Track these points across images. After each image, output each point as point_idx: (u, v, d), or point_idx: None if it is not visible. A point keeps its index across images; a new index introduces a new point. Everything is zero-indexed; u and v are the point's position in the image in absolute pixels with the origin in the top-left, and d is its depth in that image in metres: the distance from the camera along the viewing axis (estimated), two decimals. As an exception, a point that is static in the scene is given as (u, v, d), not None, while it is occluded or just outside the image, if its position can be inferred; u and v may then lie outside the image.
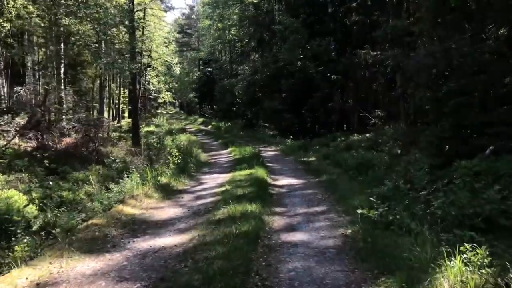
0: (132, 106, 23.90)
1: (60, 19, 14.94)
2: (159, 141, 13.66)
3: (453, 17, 12.33)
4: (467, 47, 11.71)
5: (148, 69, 34.82)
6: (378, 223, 6.67)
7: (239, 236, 6.12)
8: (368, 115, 22.88)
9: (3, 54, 20.43)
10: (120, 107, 43.34)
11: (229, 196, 9.12)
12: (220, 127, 36.55)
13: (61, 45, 18.86)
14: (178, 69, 43.09)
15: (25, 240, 5.87)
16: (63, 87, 23.15)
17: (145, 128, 32.93)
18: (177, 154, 12.72)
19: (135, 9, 24.34)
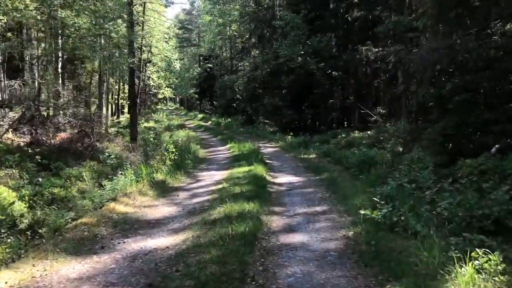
0: (130, 102, 23.51)
1: (56, 11, 14.56)
2: (155, 136, 13.26)
3: (457, 11, 11.99)
4: (472, 42, 11.42)
5: (148, 64, 34.47)
6: (382, 224, 6.33)
7: (235, 238, 5.78)
8: (369, 112, 22.59)
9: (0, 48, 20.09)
10: (120, 103, 43.01)
11: (226, 194, 8.80)
12: (220, 123, 36.37)
13: (58, 39, 18.52)
14: (178, 65, 42.66)
15: (8, 240, 5.56)
16: (60, 81, 22.87)
17: (144, 124, 32.68)
18: (174, 150, 12.36)
19: (134, 3, 24.00)
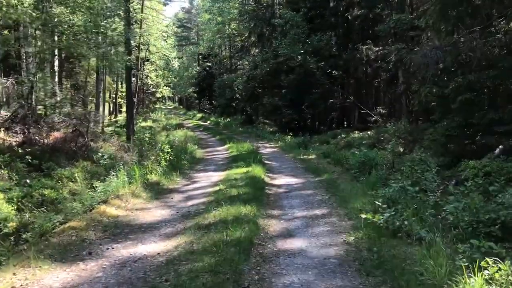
0: (127, 100, 23.27)
1: (51, 7, 14.25)
2: (151, 136, 12.95)
3: (461, 9, 11.71)
4: (476, 40, 11.15)
5: (146, 63, 34.18)
6: (384, 229, 6.05)
7: (230, 244, 5.47)
8: (369, 112, 22.33)
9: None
10: (118, 102, 42.65)
11: (223, 197, 8.50)
12: (219, 123, 36.12)
13: (54, 36, 18.19)
14: (177, 64, 42.36)
15: (-11, 246, 5.27)
16: (57, 80, 22.52)
17: (142, 123, 32.34)
18: (169, 150, 12.04)
19: (131, 0, 23.71)
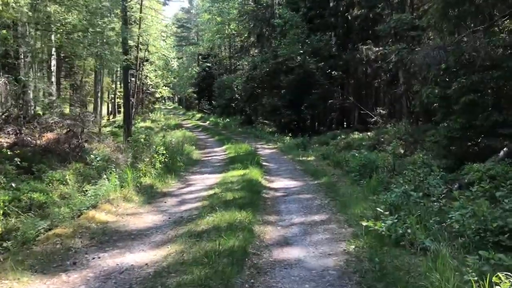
0: (124, 101, 22.98)
1: (45, 5, 13.90)
2: (146, 137, 12.61)
3: (463, 8, 11.41)
4: (480, 40, 10.85)
5: (145, 63, 33.92)
6: (386, 237, 5.73)
7: (222, 254, 5.14)
8: (369, 112, 22.04)
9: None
10: (116, 102, 42.38)
11: (217, 201, 8.16)
12: (218, 123, 35.86)
13: (51, 35, 17.87)
14: (176, 64, 42.10)
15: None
16: (54, 79, 22.18)
17: (141, 123, 32.04)
18: (164, 152, 11.71)
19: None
